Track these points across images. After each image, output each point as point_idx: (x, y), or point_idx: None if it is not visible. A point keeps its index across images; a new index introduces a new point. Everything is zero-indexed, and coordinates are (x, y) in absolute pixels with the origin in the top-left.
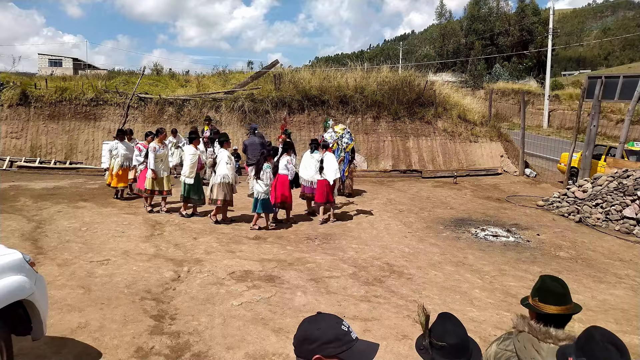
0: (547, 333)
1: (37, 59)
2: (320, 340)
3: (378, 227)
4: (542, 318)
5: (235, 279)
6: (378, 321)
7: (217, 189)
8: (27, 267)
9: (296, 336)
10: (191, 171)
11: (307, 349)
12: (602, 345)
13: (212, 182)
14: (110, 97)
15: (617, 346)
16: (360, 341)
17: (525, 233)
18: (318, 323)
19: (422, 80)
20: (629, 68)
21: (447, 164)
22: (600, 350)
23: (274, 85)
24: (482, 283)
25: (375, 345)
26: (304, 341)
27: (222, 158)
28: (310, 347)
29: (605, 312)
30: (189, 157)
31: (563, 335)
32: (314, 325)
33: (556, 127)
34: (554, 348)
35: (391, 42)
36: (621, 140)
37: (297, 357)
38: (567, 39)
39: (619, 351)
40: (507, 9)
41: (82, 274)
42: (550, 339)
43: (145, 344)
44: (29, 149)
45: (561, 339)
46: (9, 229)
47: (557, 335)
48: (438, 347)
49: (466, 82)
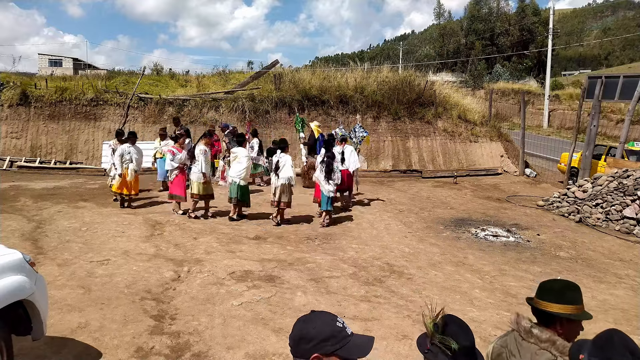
0: (530, 332)
1: (37, 59)
2: (317, 338)
3: (378, 227)
4: (539, 317)
5: (235, 279)
6: (378, 321)
7: (281, 191)
8: (27, 267)
9: (292, 336)
10: (246, 173)
11: (304, 348)
12: (619, 349)
13: (275, 184)
14: (111, 97)
15: (634, 352)
16: (356, 336)
17: (526, 233)
18: (313, 322)
19: (422, 80)
20: (629, 68)
21: (447, 164)
22: (616, 353)
23: (274, 85)
24: (482, 283)
25: (370, 338)
26: (301, 340)
27: (286, 161)
28: (307, 346)
29: (605, 312)
30: (244, 160)
31: (545, 337)
32: (309, 324)
33: (556, 127)
34: (534, 348)
35: (391, 42)
36: (621, 140)
37: (294, 357)
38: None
39: (635, 358)
40: (507, 9)
41: (82, 274)
42: (531, 338)
43: (145, 344)
44: (29, 149)
45: (543, 340)
46: (9, 229)
47: (540, 336)
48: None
49: (466, 82)
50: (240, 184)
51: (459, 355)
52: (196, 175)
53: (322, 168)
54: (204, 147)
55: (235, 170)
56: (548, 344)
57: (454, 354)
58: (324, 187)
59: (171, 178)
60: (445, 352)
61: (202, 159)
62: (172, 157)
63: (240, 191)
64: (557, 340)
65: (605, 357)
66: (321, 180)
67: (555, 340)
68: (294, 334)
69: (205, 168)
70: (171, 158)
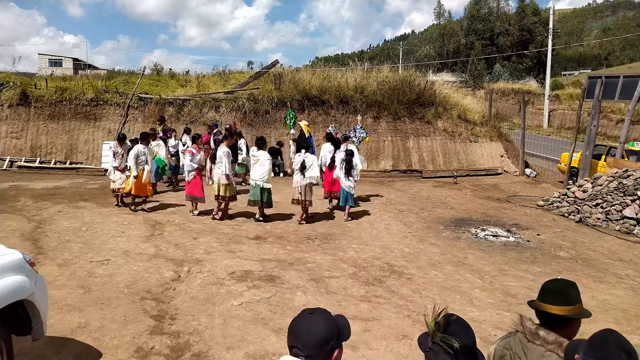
0: (536, 334)
1: (37, 59)
2: (334, 333)
3: (378, 227)
4: (541, 318)
5: (235, 279)
6: (378, 321)
7: (306, 190)
8: (27, 267)
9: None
10: (269, 176)
11: (327, 349)
12: (613, 350)
13: (300, 183)
14: (111, 97)
15: (629, 353)
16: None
17: (526, 233)
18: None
19: (422, 80)
20: (629, 68)
21: (447, 164)
22: (611, 354)
23: (274, 85)
24: (482, 283)
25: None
26: (327, 342)
27: (313, 161)
28: (329, 345)
29: (605, 312)
30: (266, 162)
31: (552, 339)
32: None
33: (556, 127)
34: (541, 350)
35: (391, 42)
36: (621, 140)
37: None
38: (567, 39)
39: (630, 358)
40: (507, 9)
41: (82, 274)
42: (537, 340)
43: (145, 344)
44: (29, 149)
45: (549, 342)
46: (9, 229)
47: (546, 338)
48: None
49: (466, 82)
50: (264, 186)
51: (460, 354)
52: (218, 177)
53: (341, 165)
54: (226, 149)
55: (258, 174)
56: (555, 346)
57: (456, 353)
58: (344, 183)
59: (188, 179)
60: (447, 350)
61: (225, 160)
62: (191, 157)
63: (264, 194)
64: (563, 342)
65: (600, 357)
66: (341, 177)
67: (561, 342)
68: (317, 338)
69: (228, 170)
70: (190, 159)
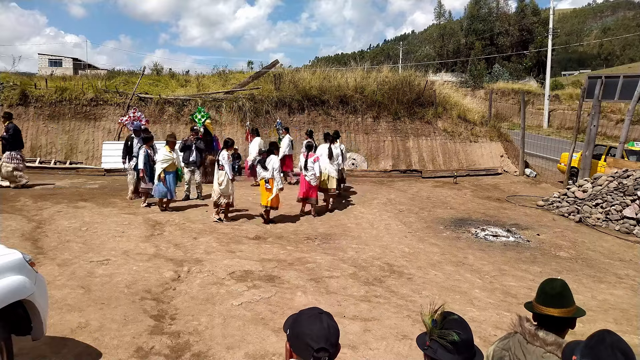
0: (535, 336)
1: (37, 59)
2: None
3: (378, 227)
4: (539, 320)
5: (235, 279)
6: (378, 321)
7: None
8: (27, 267)
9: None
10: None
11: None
12: (610, 351)
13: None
14: (111, 97)
15: (626, 354)
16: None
17: (525, 233)
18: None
19: (422, 80)
20: (629, 68)
21: (447, 164)
22: (608, 355)
23: (274, 85)
24: (482, 283)
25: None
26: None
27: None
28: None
29: (605, 312)
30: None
31: (551, 340)
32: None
33: (556, 127)
34: (540, 351)
35: (391, 42)
36: (621, 140)
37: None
38: (567, 39)
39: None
40: (507, 9)
41: (82, 274)
42: (537, 341)
43: (145, 344)
44: (29, 149)
45: (548, 343)
46: (9, 229)
47: (545, 339)
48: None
49: (466, 82)
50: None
51: (458, 349)
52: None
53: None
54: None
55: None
56: (554, 347)
57: (454, 346)
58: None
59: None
60: (445, 346)
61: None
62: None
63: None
64: (562, 343)
65: (597, 358)
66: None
67: (561, 343)
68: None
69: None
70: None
